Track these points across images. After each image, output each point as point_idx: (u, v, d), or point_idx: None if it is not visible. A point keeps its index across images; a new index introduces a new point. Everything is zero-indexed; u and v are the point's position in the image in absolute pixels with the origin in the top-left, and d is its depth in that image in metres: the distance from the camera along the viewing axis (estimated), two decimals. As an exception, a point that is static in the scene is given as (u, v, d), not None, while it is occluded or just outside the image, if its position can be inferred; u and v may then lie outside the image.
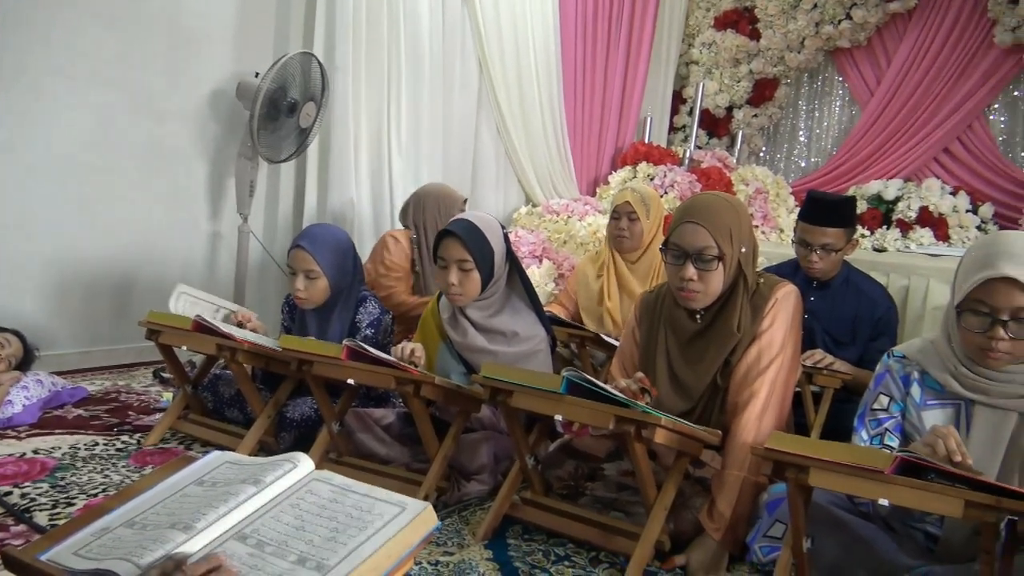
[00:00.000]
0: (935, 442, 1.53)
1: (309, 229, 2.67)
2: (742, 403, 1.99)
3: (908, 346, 1.86)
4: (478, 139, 4.81)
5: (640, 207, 3.22)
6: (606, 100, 5.52)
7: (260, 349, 2.39)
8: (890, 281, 4.06)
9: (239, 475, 1.25)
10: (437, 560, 1.85)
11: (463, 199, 3.45)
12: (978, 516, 1.40)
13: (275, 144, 3.60)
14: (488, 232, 2.33)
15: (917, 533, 1.81)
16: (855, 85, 5.81)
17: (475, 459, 2.26)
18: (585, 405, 1.77)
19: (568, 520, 2.00)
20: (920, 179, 5.30)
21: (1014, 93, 5.27)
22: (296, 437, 2.49)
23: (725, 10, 5.95)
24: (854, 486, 1.50)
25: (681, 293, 2.04)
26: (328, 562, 1.05)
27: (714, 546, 1.88)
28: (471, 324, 2.37)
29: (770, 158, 6.27)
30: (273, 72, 3.41)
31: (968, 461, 1.50)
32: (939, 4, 5.33)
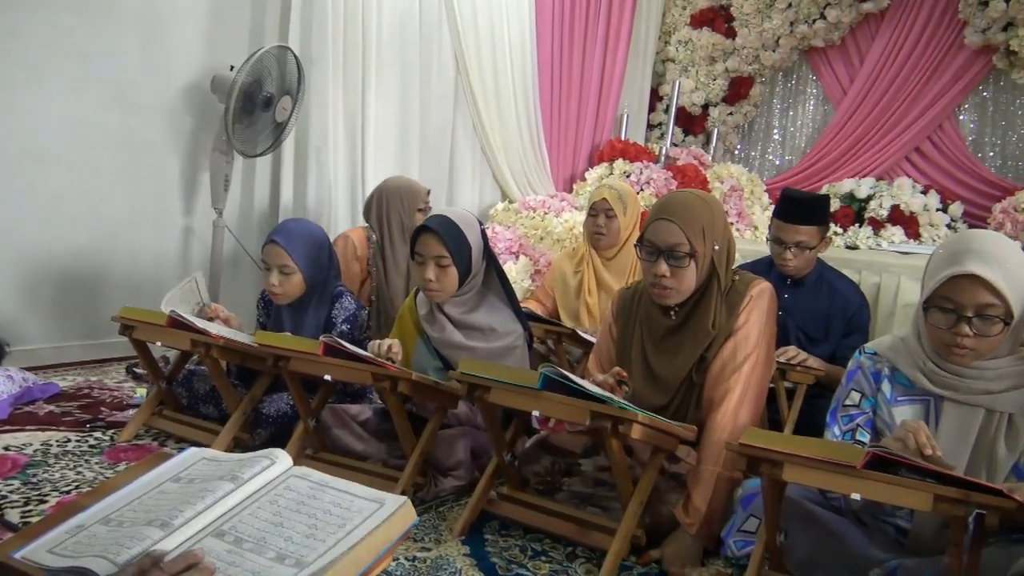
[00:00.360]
0: (905, 436, 1.55)
1: (283, 224, 2.66)
2: (717, 399, 2.01)
3: (879, 343, 1.89)
4: (454, 135, 4.80)
5: (617, 204, 3.23)
6: (583, 97, 5.53)
7: (235, 345, 2.38)
8: (862, 278, 4.12)
9: (216, 471, 1.24)
10: (414, 556, 1.86)
11: (426, 191, 3.43)
12: (947, 510, 1.43)
13: (250, 138, 3.57)
14: (466, 228, 2.33)
15: (888, 527, 1.84)
16: (829, 84, 5.87)
17: (452, 455, 2.27)
18: (562, 401, 1.78)
19: (545, 515, 2.01)
20: (892, 178, 5.37)
21: (983, 94, 5.35)
22: (272, 433, 2.48)
23: (701, 8, 5.98)
24: (827, 481, 1.52)
25: (654, 289, 2.06)
26: (307, 558, 1.05)
27: (689, 540, 1.90)
28: (448, 320, 2.38)
29: (745, 156, 6.32)
30: (248, 66, 3.38)
31: (938, 453, 1.53)
32: (911, 5, 5.40)
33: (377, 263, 3.33)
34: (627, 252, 3.27)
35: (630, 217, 3.28)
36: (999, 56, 5.05)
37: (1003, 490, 1.41)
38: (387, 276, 3.32)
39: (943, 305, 1.68)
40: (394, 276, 3.31)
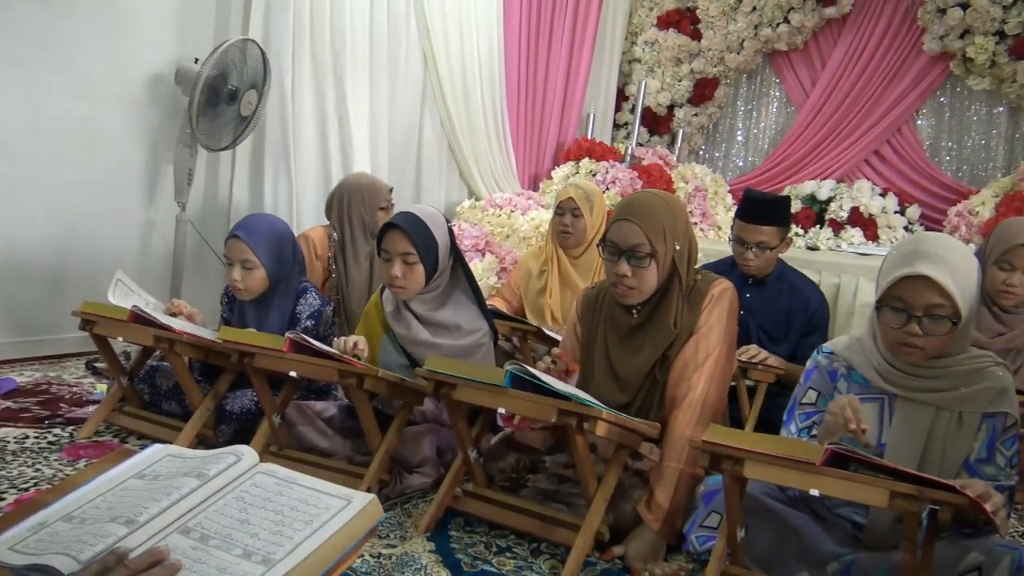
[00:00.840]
0: (838, 413, 1.61)
1: (246, 219, 2.64)
2: (680, 397, 2.04)
3: (836, 343, 1.93)
4: (422, 132, 4.80)
5: (584, 204, 3.26)
6: (548, 95, 5.55)
7: (199, 340, 2.36)
8: (822, 279, 4.19)
9: (182, 468, 1.23)
10: (379, 552, 1.86)
11: (388, 188, 3.40)
12: (902, 506, 1.47)
13: (215, 132, 3.54)
14: (433, 225, 2.34)
15: (844, 522, 1.89)
16: (791, 87, 5.96)
17: (418, 452, 2.27)
18: (528, 398, 1.80)
19: (510, 512, 2.02)
20: (852, 180, 5.46)
21: (940, 99, 5.47)
22: (236, 430, 2.47)
23: (668, 9, 6.03)
24: (787, 477, 1.56)
25: (616, 289, 2.08)
26: (274, 555, 1.05)
27: (652, 536, 1.93)
28: (415, 317, 2.38)
29: (709, 156, 6.39)
30: (213, 58, 3.35)
31: (863, 427, 1.58)
32: (872, 11, 5.50)
33: (338, 262, 3.29)
34: (593, 251, 3.29)
35: (596, 216, 3.30)
36: (956, 63, 5.16)
37: (955, 486, 1.46)
38: (348, 275, 3.28)
39: (894, 305, 1.73)
40: (356, 275, 3.29)
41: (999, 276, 2.55)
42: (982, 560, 1.62)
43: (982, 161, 5.36)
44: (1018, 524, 2.36)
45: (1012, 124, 5.27)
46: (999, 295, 2.56)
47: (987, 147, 5.35)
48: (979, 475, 1.73)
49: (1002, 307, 2.58)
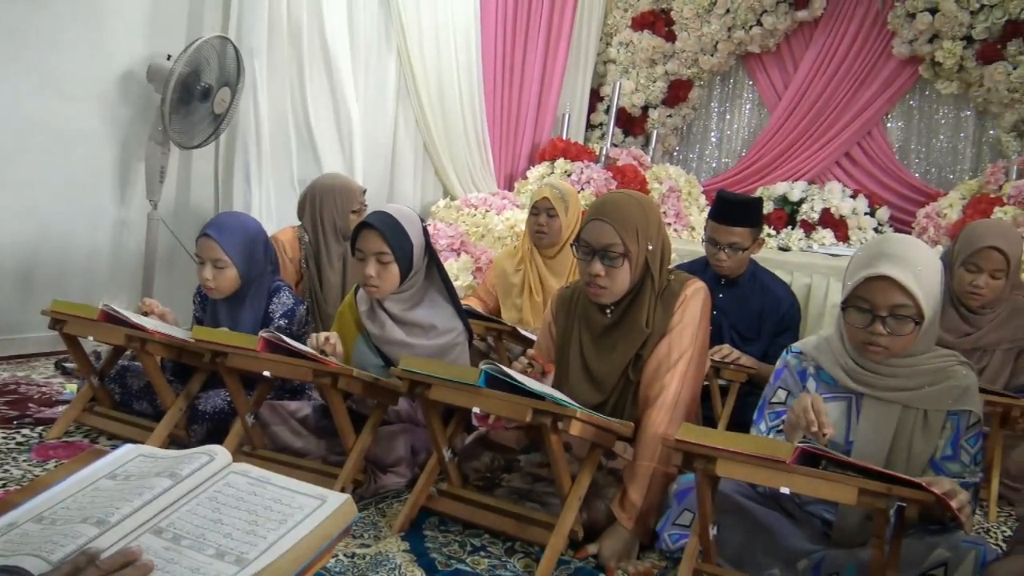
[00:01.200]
0: (801, 413, 1.63)
1: (217, 217, 2.63)
2: (653, 396, 2.05)
3: (805, 343, 1.96)
4: (396, 131, 4.79)
5: (559, 204, 3.27)
6: (524, 95, 5.56)
7: (172, 340, 2.34)
8: (794, 279, 4.24)
9: (154, 468, 1.22)
10: (353, 552, 1.86)
11: (362, 190, 3.36)
12: (870, 503, 1.49)
13: (187, 129, 3.51)
14: (407, 225, 2.33)
15: (814, 519, 1.91)
16: (764, 89, 6.01)
17: (392, 452, 2.27)
18: (503, 398, 1.80)
19: (484, 511, 2.03)
20: (823, 182, 5.53)
21: (910, 103, 5.55)
22: (208, 430, 2.45)
23: (642, 11, 6.06)
24: (758, 476, 1.57)
25: (589, 288, 2.10)
26: (247, 555, 1.04)
27: (626, 535, 1.94)
28: (389, 317, 2.37)
29: (683, 157, 6.43)
30: (186, 55, 3.32)
31: (825, 429, 1.60)
32: (843, 15, 5.57)
33: (310, 264, 3.24)
34: (568, 251, 3.30)
35: (571, 216, 3.32)
36: (925, 67, 5.24)
37: (922, 483, 1.48)
38: (322, 277, 3.25)
39: (859, 305, 1.76)
40: (330, 276, 3.25)
41: (966, 278, 2.59)
42: (948, 556, 1.65)
43: (950, 164, 5.45)
44: (983, 521, 2.41)
45: (979, 127, 5.35)
46: (966, 296, 2.60)
47: (955, 150, 5.43)
48: (945, 472, 1.77)
49: (969, 308, 2.63)
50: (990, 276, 2.56)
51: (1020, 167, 4.50)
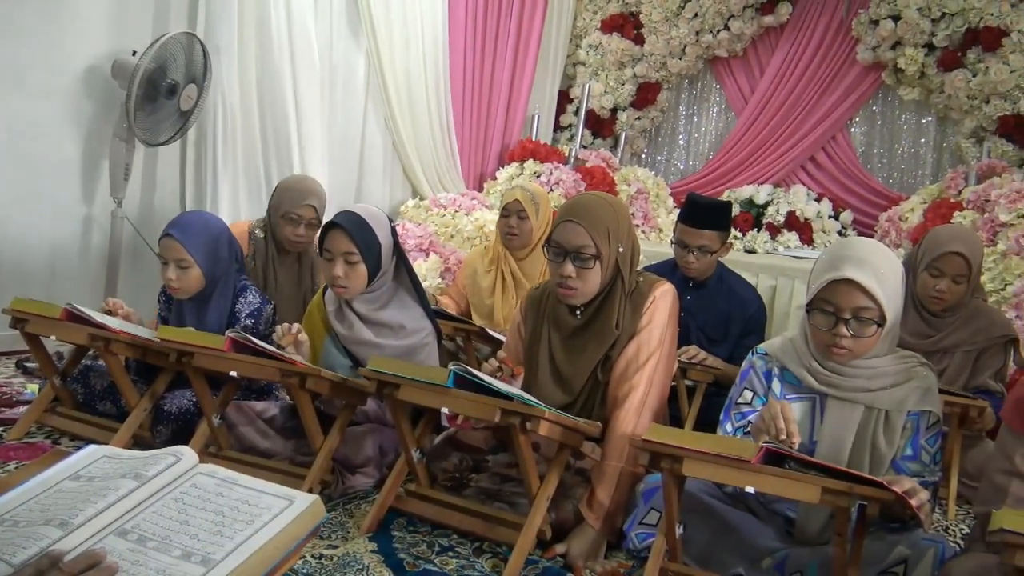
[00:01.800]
0: (769, 421, 1.66)
1: (180, 217, 2.60)
2: (621, 396, 2.07)
3: (770, 344, 1.99)
4: (365, 130, 4.76)
5: (530, 206, 3.27)
6: (493, 96, 5.56)
7: (136, 339, 2.31)
8: (759, 281, 4.29)
9: (119, 469, 1.21)
10: (321, 553, 1.85)
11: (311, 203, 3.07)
12: (833, 502, 1.52)
13: (153, 126, 3.47)
14: (375, 225, 2.33)
15: (778, 518, 1.94)
16: (731, 93, 6.07)
17: (360, 452, 2.26)
18: (471, 398, 1.81)
19: (452, 511, 2.03)
20: (788, 185, 5.60)
21: (873, 108, 5.64)
22: (173, 431, 2.42)
23: (611, 14, 6.09)
24: (724, 475, 1.60)
25: (560, 290, 2.11)
26: (214, 556, 1.04)
27: (593, 534, 1.96)
28: (357, 317, 2.37)
29: (651, 160, 6.47)
30: (152, 51, 3.28)
31: (794, 439, 1.63)
32: (808, 20, 5.64)
33: (256, 260, 3.12)
34: (539, 253, 3.31)
35: (542, 218, 3.32)
36: (888, 73, 5.33)
37: (883, 482, 1.51)
38: (266, 274, 3.11)
39: (823, 307, 1.79)
40: (282, 276, 3.13)
41: (929, 282, 2.64)
42: (908, 554, 1.68)
43: (911, 169, 5.54)
44: (942, 519, 2.46)
45: (940, 133, 5.45)
46: (928, 300, 2.65)
47: (916, 155, 5.53)
48: (905, 472, 1.81)
49: (930, 311, 2.68)
50: (952, 280, 2.61)
51: (979, 173, 4.59)
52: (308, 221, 3.06)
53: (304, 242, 3.09)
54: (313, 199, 3.09)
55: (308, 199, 3.07)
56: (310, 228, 3.06)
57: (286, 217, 3.04)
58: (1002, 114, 4.83)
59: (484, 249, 3.51)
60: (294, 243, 3.08)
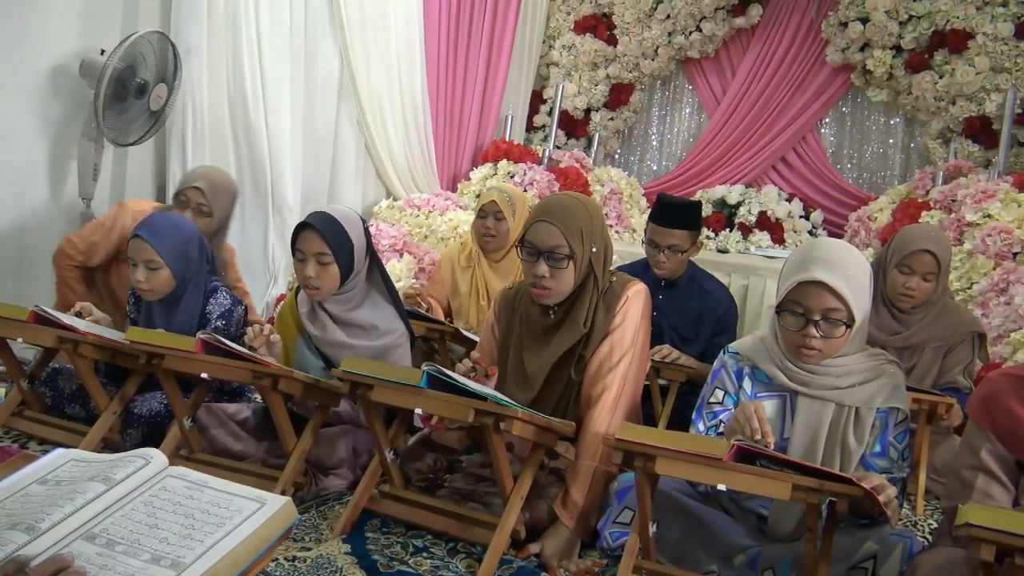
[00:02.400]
0: (744, 422, 1.68)
1: (149, 218, 2.57)
2: (595, 396, 2.08)
3: (741, 343, 2.01)
4: (338, 130, 4.73)
5: (507, 207, 3.27)
6: (467, 97, 5.55)
7: (105, 341, 2.29)
8: (731, 281, 4.33)
9: (86, 473, 1.20)
10: (294, 556, 1.84)
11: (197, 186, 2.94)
12: (803, 498, 1.54)
13: (122, 126, 3.43)
14: (348, 225, 2.32)
15: (751, 515, 1.96)
16: (703, 94, 6.12)
17: (334, 454, 2.25)
18: (444, 399, 1.81)
19: (426, 512, 2.03)
20: (759, 185, 5.65)
21: (842, 109, 5.71)
22: (144, 434, 2.39)
23: (584, 15, 6.11)
24: (696, 473, 1.61)
25: (534, 289, 2.11)
26: (184, 559, 1.03)
27: (567, 534, 1.96)
28: (330, 318, 2.36)
29: (624, 160, 6.50)
30: (121, 51, 3.24)
31: (769, 439, 1.65)
32: (779, 22, 5.70)
33: None
34: (514, 255, 3.30)
35: (519, 220, 3.31)
36: (857, 74, 5.40)
37: (853, 479, 1.53)
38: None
39: (793, 309, 1.81)
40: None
41: (899, 280, 2.68)
42: (877, 549, 1.71)
43: (880, 169, 5.62)
44: (911, 514, 2.49)
45: (907, 134, 5.53)
46: (898, 298, 2.69)
47: (885, 156, 5.61)
48: (874, 468, 1.83)
49: (900, 309, 2.72)
50: (922, 278, 2.65)
51: (946, 173, 4.66)
52: (195, 206, 2.91)
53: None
54: (201, 182, 2.93)
55: (196, 181, 2.93)
56: (198, 215, 2.89)
57: (176, 199, 2.96)
58: (968, 115, 4.91)
59: (461, 245, 3.50)
60: None
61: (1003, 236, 3.66)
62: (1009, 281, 3.42)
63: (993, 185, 4.00)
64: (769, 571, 1.79)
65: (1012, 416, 1.55)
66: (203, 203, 2.92)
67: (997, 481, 1.57)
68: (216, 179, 3.01)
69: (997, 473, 1.57)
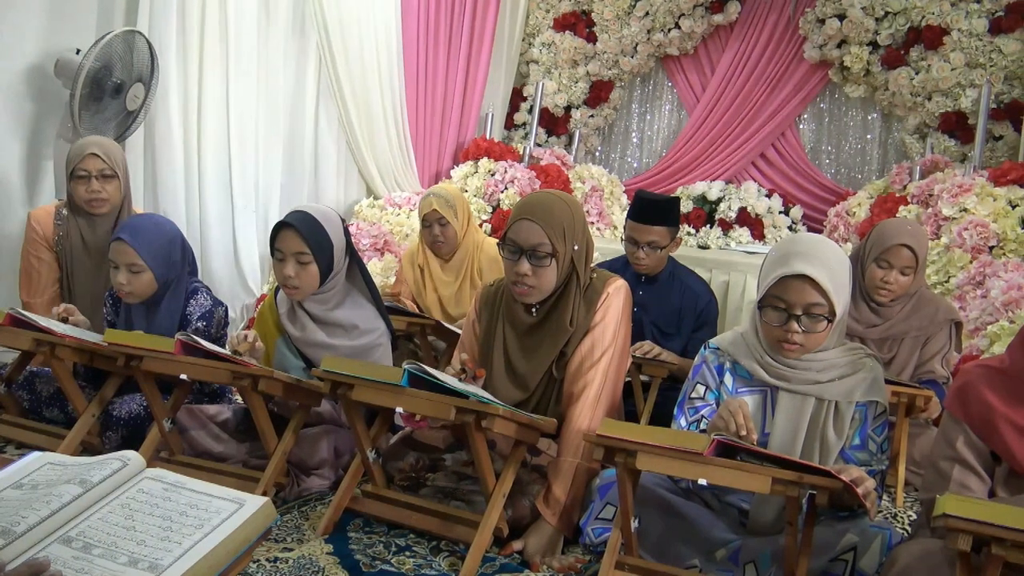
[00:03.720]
0: (728, 418, 1.69)
1: (131, 220, 2.55)
2: (577, 392, 2.08)
3: (721, 338, 2.02)
4: (318, 129, 4.71)
5: (447, 211, 3.31)
6: (447, 95, 5.54)
7: (84, 344, 2.27)
8: (712, 276, 4.35)
9: (63, 476, 1.19)
10: (276, 557, 1.83)
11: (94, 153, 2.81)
12: (782, 491, 1.55)
13: (99, 126, 3.39)
14: (327, 224, 2.31)
15: (732, 510, 1.97)
16: (683, 91, 6.14)
17: (315, 454, 2.25)
18: (426, 397, 1.80)
19: (409, 511, 2.03)
20: (739, 182, 5.68)
21: (820, 105, 5.74)
22: (123, 436, 2.37)
23: (564, 12, 6.12)
24: (677, 468, 1.62)
25: (515, 288, 2.11)
26: (162, 561, 1.03)
27: (550, 530, 1.97)
28: (310, 318, 2.35)
29: (605, 157, 6.51)
30: (96, 50, 3.21)
31: (752, 436, 1.66)
32: (757, 19, 5.72)
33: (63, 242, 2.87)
34: (463, 250, 3.38)
35: (462, 218, 3.38)
36: (834, 71, 5.43)
37: (832, 471, 1.55)
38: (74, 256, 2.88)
39: (775, 304, 1.82)
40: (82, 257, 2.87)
41: (877, 273, 2.70)
42: (856, 541, 1.72)
43: (858, 164, 5.65)
44: (891, 506, 2.51)
45: (885, 129, 5.57)
46: (876, 291, 2.72)
47: (863, 151, 5.64)
48: (853, 461, 1.85)
49: (878, 302, 2.75)
50: (900, 272, 2.68)
51: (923, 168, 4.71)
52: (98, 173, 2.77)
53: (102, 197, 2.78)
54: (94, 147, 2.80)
55: (89, 148, 2.80)
56: (104, 180, 2.77)
57: (75, 176, 2.79)
58: (944, 111, 4.95)
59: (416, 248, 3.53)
60: (92, 202, 2.78)
61: (979, 230, 3.70)
62: (985, 274, 3.46)
63: (969, 180, 4.04)
64: (750, 564, 1.81)
65: (986, 407, 1.57)
66: (105, 167, 2.78)
67: (973, 472, 1.58)
68: (106, 143, 2.87)
69: (973, 464, 1.59)
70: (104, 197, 2.80)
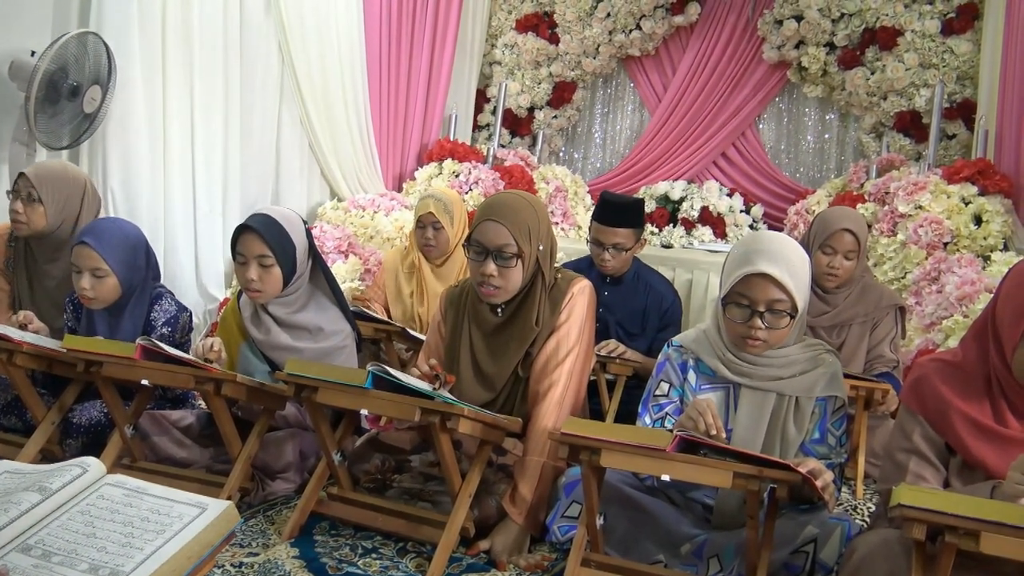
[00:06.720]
0: (697, 418, 1.71)
1: (95, 224, 2.51)
2: (542, 392, 2.09)
3: (684, 336, 2.05)
4: (280, 132, 4.67)
5: (444, 216, 3.25)
6: (411, 96, 5.53)
7: (41, 350, 2.23)
8: (676, 275, 4.40)
9: (21, 484, 1.17)
10: (241, 562, 1.82)
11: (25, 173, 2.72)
12: (743, 485, 1.57)
13: (55, 130, 3.34)
14: (288, 226, 2.30)
15: (696, 505, 2.00)
16: (644, 92, 6.19)
17: (280, 458, 2.23)
18: (390, 399, 1.80)
19: (375, 513, 2.02)
20: (701, 181, 5.74)
21: (779, 105, 5.83)
22: (84, 444, 2.33)
23: (526, 13, 6.14)
24: (640, 464, 1.64)
25: (482, 288, 2.12)
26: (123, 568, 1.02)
27: (517, 529, 1.98)
28: (274, 321, 2.33)
29: (569, 158, 6.54)
30: (52, 52, 3.16)
31: (722, 434, 1.69)
32: (717, 20, 5.79)
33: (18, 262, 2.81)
34: (454, 259, 3.32)
35: (457, 225, 3.30)
36: (793, 71, 5.52)
37: (790, 464, 1.58)
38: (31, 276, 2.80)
39: (738, 301, 1.85)
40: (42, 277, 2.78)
41: (823, 260, 2.78)
42: (816, 533, 1.76)
43: (817, 163, 5.75)
44: (851, 498, 2.56)
45: (842, 129, 5.67)
46: (823, 278, 2.79)
47: (821, 150, 5.74)
48: (813, 454, 1.88)
49: (825, 288, 2.82)
50: (844, 257, 2.77)
51: (879, 166, 4.80)
52: (25, 195, 2.66)
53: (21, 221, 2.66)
54: (31, 168, 2.73)
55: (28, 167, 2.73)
56: (28, 204, 2.65)
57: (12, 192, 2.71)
58: (899, 110, 5.05)
59: (404, 251, 3.48)
60: (13, 223, 2.69)
61: (934, 227, 3.78)
62: (940, 270, 3.54)
63: (924, 177, 4.13)
64: (715, 558, 1.83)
65: (941, 400, 1.61)
66: (31, 190, 2.65)
67: (929, 463, 1.62)
68: (51, 167, 2.78)
69: (928, 455, 1.62)
70: (23, 221, 2.65)
